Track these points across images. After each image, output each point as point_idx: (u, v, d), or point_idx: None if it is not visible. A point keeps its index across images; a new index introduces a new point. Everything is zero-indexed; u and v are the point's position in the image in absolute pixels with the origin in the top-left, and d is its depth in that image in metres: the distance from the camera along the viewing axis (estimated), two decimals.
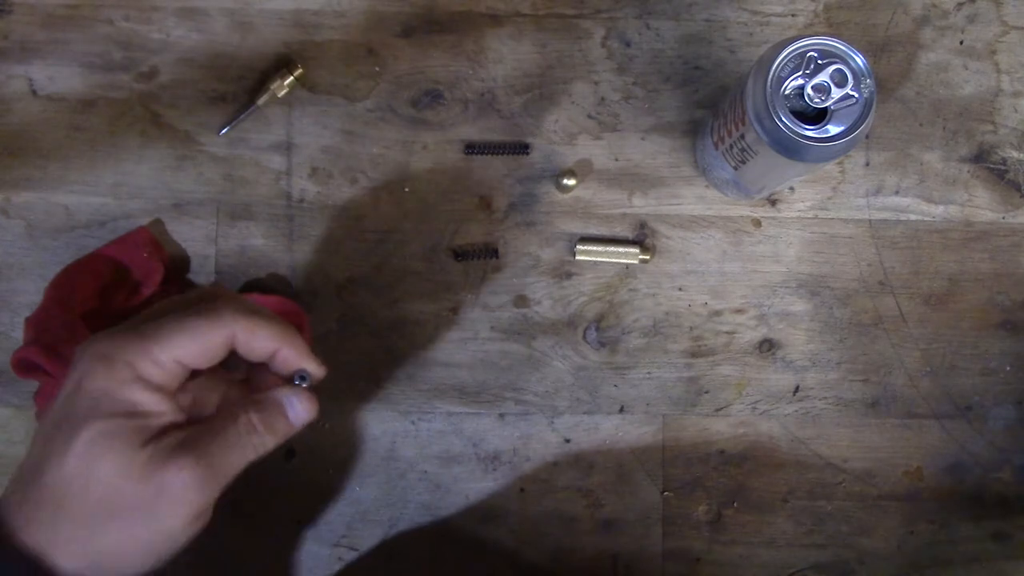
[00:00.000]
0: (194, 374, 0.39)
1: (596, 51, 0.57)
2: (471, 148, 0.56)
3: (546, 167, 0.57)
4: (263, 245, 0.56)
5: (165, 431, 0.36)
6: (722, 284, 0.57)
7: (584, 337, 0.56)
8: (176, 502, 0.35)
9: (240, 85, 0.56)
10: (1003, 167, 0.58)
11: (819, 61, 0.44)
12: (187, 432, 0.37)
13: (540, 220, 0.57)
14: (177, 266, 0.55)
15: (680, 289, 0.57)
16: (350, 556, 0.55)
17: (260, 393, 0.40)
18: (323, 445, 0.56)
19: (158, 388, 0.36)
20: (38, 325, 0.50)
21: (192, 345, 0.36)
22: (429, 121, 0.57)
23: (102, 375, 0.35)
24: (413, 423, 0.56)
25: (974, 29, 0.58)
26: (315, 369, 0.40)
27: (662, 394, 0.56)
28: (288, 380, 0.40)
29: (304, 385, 0.40)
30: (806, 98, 0.44)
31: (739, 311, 0.57)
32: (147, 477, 0.35)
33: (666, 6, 0.58)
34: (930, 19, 0.58)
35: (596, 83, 0.57)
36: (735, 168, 0.51)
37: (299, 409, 0.40)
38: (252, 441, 0.38)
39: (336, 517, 0.56)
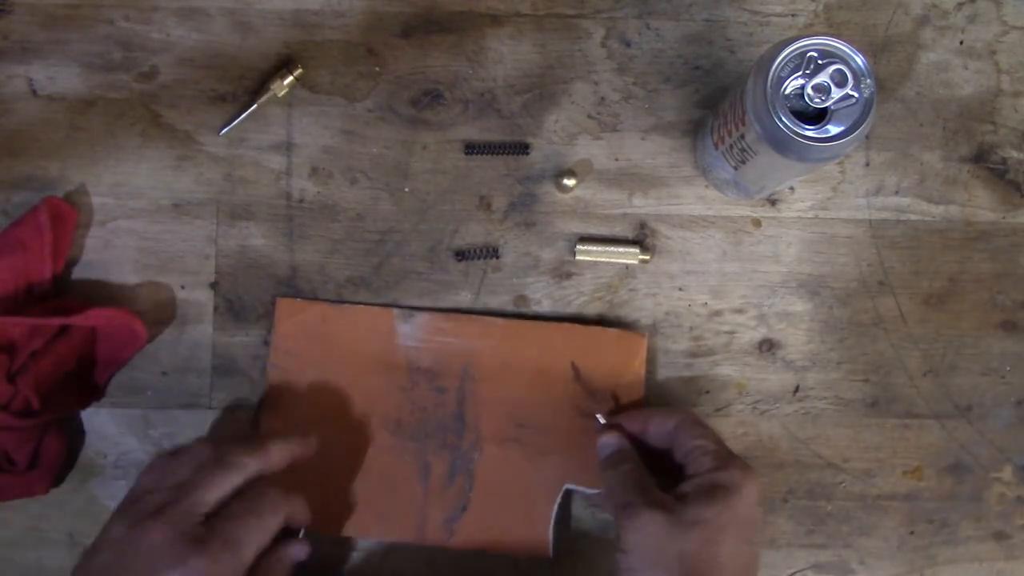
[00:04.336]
0: None
1: (596, 51, 0.57)
2: (471, 148, 0.56)
3: (546, 167, 0.57)
4: (263, 245, 0.56)
5: None
6: (722, 284, 0.57)
7: None
8: None
9: (240, 85, 0.56)
10: (1003, 167, 0.58)
11: (819, 61, 0.44)
12: None
13: (540, 220, 0.57)
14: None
15: (680, 289, 0.57)
16: (350, 556, 0.55)
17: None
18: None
19: None
20: None
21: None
22: (429, 121, 0.57)
23: None
24: None
25: (974, 29, 0.58)
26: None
27: (662, 394, 0.56)
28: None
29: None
30: (806, 98, 0.44)
31: (739, 311, 0.57)
32: None
33: (666, 6, 0.58)
34: (930, 19, 0.58)
35: (596, 83, 0.57)
36: (735, 168, 0.51)
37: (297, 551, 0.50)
38: None
39: None
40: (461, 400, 0.55)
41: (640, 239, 0.57)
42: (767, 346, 0.57)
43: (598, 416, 0.53)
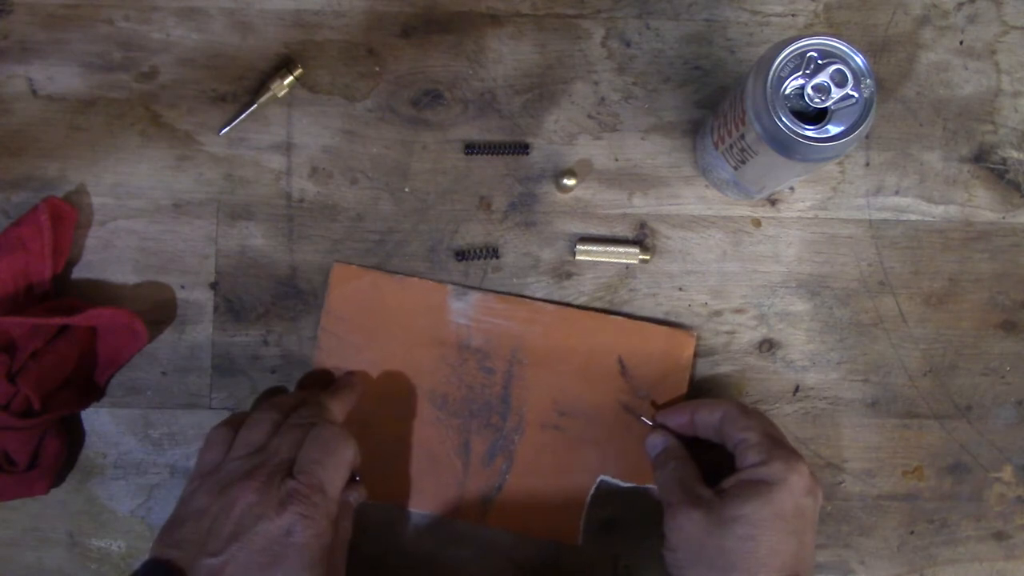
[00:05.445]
0: None
1: (596, 51, 0.57)
2: (471, 148, 0.56)
3: (546, 167, 0.57)
4: (263, 245, 0.56)
5: None
6: (722, 284, 0.57)
7: None
8: None
9: (240, 85, 0.56)
10: (1003, 167, 0.58)
11: (819, 61, 0.44)
12: None
13: (540, 220, 0.57)
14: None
15: (680, 289, 0.57)
16: (350, 556, 0.55)
17: None
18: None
19: None
20: None
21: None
22: (429, 121, 0.57)
23: None
24: None
25: (974, 29, 0.58)
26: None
27: None
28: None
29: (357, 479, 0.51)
30: (806, 98, 0.44)
31: (739, 311, 0.57)
32: None
33: (666, 6, 0.58)
34: (930, 19, 0.58)
35: (596, 83, 0.57)
36: (735, 168, 0.51)
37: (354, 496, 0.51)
38: None
39: None
40: (508, 382, 0.55)
41: (640, 239, 0.57)
42: (767, 346, 0.57)
43: (644, 419, 0.54)
